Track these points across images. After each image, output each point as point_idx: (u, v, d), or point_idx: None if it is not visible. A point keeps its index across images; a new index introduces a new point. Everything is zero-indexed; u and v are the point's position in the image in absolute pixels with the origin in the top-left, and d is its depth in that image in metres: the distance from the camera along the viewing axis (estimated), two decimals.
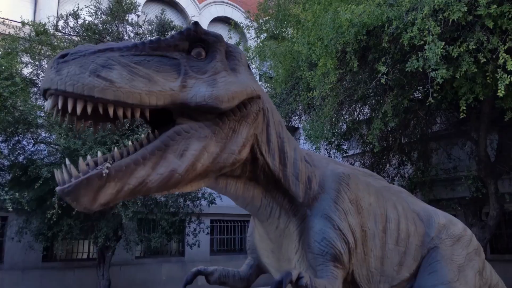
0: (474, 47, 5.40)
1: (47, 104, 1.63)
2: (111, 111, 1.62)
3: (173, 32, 2.05)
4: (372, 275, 2.60)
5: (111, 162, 1.67)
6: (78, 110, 1.58)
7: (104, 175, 1.61)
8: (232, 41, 11.71)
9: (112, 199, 1.66)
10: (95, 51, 1.65)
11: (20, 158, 8.40)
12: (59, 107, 1.59)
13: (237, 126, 2.03)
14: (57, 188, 1.61)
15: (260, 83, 11.80)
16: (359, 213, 2.58)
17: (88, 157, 1.73)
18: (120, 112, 1.64)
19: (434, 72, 5.45)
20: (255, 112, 2.12)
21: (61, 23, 9.87)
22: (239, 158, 2.06)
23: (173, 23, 10.25)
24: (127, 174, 1.67)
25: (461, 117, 6.14)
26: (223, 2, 16.72)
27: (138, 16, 12.53)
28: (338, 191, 2.51)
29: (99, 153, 1.71)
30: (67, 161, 1.70)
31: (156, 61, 1.80)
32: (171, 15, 13.44)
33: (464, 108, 6.05)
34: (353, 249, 2.43)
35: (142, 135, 1.87)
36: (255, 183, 2.32)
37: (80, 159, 1.66)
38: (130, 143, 1.79)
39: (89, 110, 1.59)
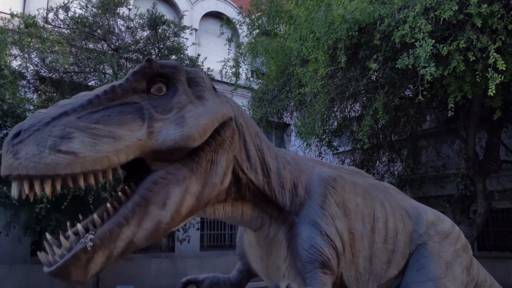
0: (464, 45, 5.43)
1: (13, 190, 1.52)
2: (81, 181, 1.53)
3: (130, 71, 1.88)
4: (361, 275, 2.62)
5: (93, 231, 1.59)
6: (48, 190, 1.48)
7: (89, 248, 1.54)
8: (223, 37, 11.67)
9: (103, 266, 1.62)
10: (49, 121, 1.53)
11: None
12: (26, 191, 1.49)
13: (215, 156, 1.96)
14: (44, 269, 1.54)
15: (252, 79, 11.80)
16: (346, 216, 2.59)
17: (69, 230, 1.67)
18: (91, 181, 1.56)
19: (423, 70, 5.49)
20: (230, 136, 2.05)
21: (51, 15, 9.74)
22: (222, 188, 2.04)
23: (165, 17, 10.17)
24: (113, 239, 1.61)
25: (449, 115, 6.19)
26: None
27: (130, 9, 12.45)
28: (324, 195, 2.52)
29: (79, 225, 1.63)
30: (48, 236, 1.62)
31: (116, 113, 1.69)
32: (162, 9, 13.33)
33: (452, 105, 6.09)
34: (341, 253, 2.45)
35: (119, 192, 1.77)
36: (242, 201, 2.31)
37: (60, 235, 1.59)
38: (108, 204, 1.71)
39: (58, 187, 1.50)
